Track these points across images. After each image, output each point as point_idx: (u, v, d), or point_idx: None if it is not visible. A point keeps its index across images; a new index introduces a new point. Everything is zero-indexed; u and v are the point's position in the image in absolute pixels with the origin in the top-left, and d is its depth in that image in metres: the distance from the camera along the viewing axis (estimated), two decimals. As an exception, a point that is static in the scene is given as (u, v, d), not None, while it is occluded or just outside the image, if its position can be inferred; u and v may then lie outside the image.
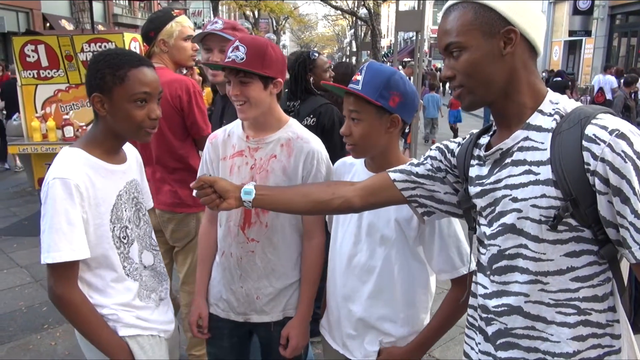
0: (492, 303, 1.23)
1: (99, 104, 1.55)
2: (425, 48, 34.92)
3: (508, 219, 1.16)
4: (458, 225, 1.55)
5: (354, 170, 1.68)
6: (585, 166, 1.04)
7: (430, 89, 11.14)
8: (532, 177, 1.12)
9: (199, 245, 1.97)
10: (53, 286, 1.50)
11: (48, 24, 19.80)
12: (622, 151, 1.00)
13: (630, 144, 1.01)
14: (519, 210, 1.14)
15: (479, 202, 1.25)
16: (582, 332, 1.12)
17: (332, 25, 49.56)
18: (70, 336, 3.45)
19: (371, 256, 1.57)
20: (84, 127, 5.27)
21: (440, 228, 1.51)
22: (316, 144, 1.79)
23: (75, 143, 1.63)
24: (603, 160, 1.02)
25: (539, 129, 1.14)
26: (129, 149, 1.78)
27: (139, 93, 1.54)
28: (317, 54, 3.33)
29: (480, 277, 1.29)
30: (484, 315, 1.27)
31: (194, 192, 1.53)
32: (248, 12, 27.68)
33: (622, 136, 1.01)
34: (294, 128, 1.82)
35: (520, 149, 1.15)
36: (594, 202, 1.05)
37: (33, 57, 5.24)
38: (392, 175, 1.43)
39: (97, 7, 23.67)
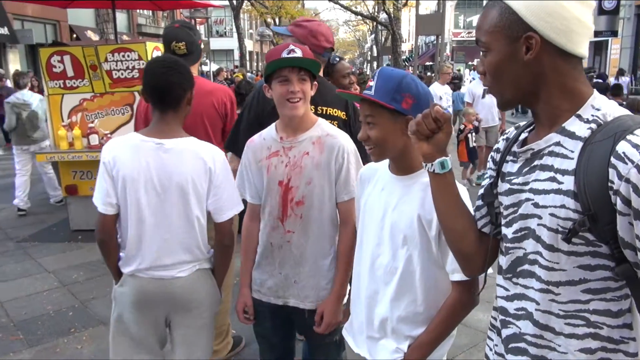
0: (512, 306, 1.21)
1: (191, 98, 2.02)
2: (447, 51, 34.68)
3: (531, 224, 1.14)
4: None
5: (377, 174, 1.70)
6: (609, 184, 0.99)
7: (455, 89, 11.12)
8: (555, 186, 1.09)
9: (242, 241, 2.13)
10: (231, 230, 2.04)
11: (75, 35, 20.31)
12: None
13: None
14: (539, 217, 1.12)
15: (504, 200, 1.22)
16: (591, 345, 1.09)
17: (353, 31, 49.60)
18: (95, 340, 3.52)
19: (393, 257, 1.58)
20: (109, 135, 5.38)
21: None
22: (344, 139, 1.95)
23: (172, 133, 1.97)
24: (628, 181, 0.97)
25: (572, 135, 1.09)
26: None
27: None
28: (338, 59, 3.35)
29: (499, 279, 1.28)
30: (501, 317, 1.26)
31: (429, 111, 1.28)
32: (269, 20, 27.91)
33: None
34: (322, 127, 1.98)
35: (550, 154, 1.12)
36: (613, 221, 1.01)
37: (59, 67, 5.39)
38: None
39: (122, 18, 24.18)
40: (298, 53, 1.84)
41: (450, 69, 8.22)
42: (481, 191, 1.36)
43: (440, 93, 7.50)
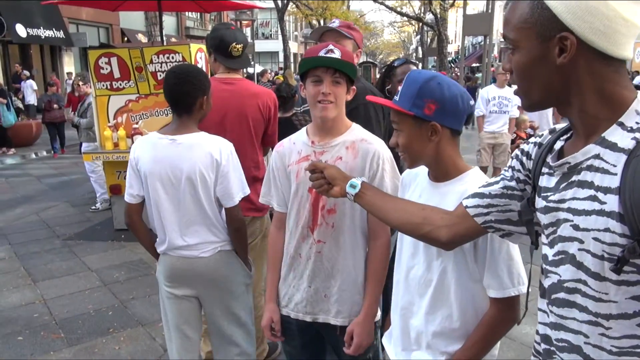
0: (553, 335, 1.07)
1: (203, 103, 2.18)
2: (495, 52, 33.81)
3: (570, 248, 1.00)
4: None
5: (417, 179, 1.64)
6: None
7: None
8: (596, 206, 0.94)
9: (268, 252, 2.04)
10: (239, 214, 2.23)
11: (126, 38, 20.98)
12: None
13: None
14: (580, 241, 0.97)
15: (542, 219, 1.09)
16: None
17: (398, 32, 49.16)
18: (132, 341, 3.53)
19: (428, 269, 1.51)
20: (152, 136, 5.44)
21: (492, 242, 1.40)
22: (379, 145, 1.84)
23: (182, 129, 2.17)
24: None
25: (613, 147, 0.94)
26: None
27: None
28: (401, 62, 3.21)
29: (540, 303, 1.13)
30: (544, 346, 1.12)
31: (309, 176, 1.62)
32: (314, 22, 27.96)
33: None
34: (357, 131, 1.88)
35: (589, 168, 0.97)
36: None
37: (106, 69, 5.47)
38: (465, 202, 1.30)
39: (171, 21, 24.79)
40: (336, 54, 1.73)
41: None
42: (493, 189, 1.25)
43: (492, 95, 6.91)
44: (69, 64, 18.77)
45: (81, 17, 18.58)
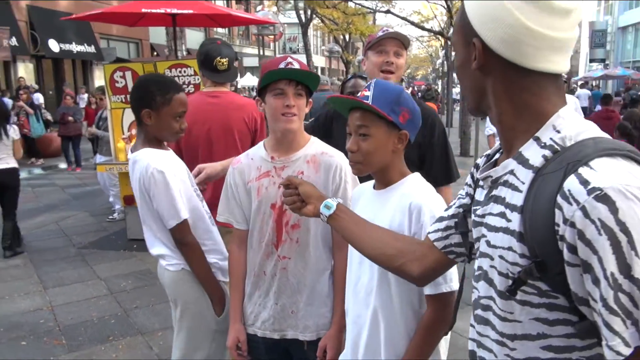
0: (478, 352, 1.05)
1: (147, 117, 2.02)
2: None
3: (484, 264, 0.98)
4: None
5: (365, 192, 1.63)
6: (555, 227, 0.81)
7: None
8: (504, 223, 0.91)
9: (230, 271, 2.01)
10: (179, 237, 2.04)
11: (155, 53, 21.48)
12: (598, 219, 0.76)
13: (614, 211, 0.75)
14: (491, 258, 0.95)
15: (473, 232, 1.07)
16: None
17: (426, 47, 49.03)
18: (130, 350, 3.58)
19: (371, 277, 1.49)
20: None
21: None
22: (340, 158, 1.83)
23: (139, 145, 2.08)
24: (573, 225, 0.78)
25: (525, 163, 0.91)
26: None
27: (180, 112, 2.06)
28: (350, 77, 3.23)
29: (471, 317, 1.10)
30: None
31: (282, 191, 1.53)
32: (340, 37, 28.14)
33: (603, 198, 0.75)
34: (316, 145, 1.88)
35: (505, 184, 0.94)
36: (564, 270, 0.83)
37: (121, 82, 5.63)
38: (428, 229, 1.26)
39: (199, 36, 25.30)
40: (296, 66, 1.74)
41: None
42: (450, 211, 1.21)
43: None
44: (100, 78, 19.24)
45: (112, 33, 19.15)
